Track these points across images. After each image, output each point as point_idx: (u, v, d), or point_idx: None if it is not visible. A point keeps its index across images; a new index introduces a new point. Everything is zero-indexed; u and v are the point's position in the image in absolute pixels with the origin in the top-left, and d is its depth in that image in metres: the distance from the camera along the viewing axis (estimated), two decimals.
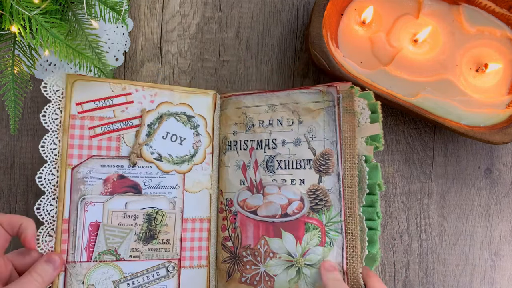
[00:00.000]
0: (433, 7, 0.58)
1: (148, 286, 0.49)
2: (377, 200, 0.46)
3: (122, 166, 0.49)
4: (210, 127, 0.53)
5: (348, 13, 0.57)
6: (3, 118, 0.57)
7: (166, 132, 0.51)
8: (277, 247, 0.48)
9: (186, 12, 0.60)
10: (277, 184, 0.49)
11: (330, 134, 0.47)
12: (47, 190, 0.46)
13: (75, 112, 0.47)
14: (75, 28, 0.48)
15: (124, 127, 0.49)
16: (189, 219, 0.51)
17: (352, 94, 0.46)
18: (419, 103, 0.54)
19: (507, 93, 0.57)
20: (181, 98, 0.52)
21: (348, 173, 0.46)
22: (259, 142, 0.50)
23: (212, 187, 0.52)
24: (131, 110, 0.50)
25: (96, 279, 0.47)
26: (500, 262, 0.60)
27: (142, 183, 0.49)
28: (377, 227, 0.46)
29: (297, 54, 0.60)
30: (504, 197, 0.60)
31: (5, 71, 0.48)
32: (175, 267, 0.50)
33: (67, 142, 0.47)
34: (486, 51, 0.57)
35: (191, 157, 0.52)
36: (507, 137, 0.52)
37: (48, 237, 0.46)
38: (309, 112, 0.48)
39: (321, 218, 0.47)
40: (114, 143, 0.49)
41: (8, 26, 0.42)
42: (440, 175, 0.60)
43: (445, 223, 0.59)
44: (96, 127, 0.48)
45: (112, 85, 0.49)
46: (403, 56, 0.56)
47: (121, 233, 0.48)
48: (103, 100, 0.49)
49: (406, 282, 0.59)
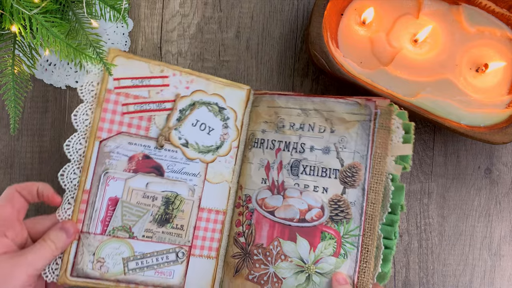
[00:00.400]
0: (433, 7, 0.58)
1: (156, 268, 0.49)
2: (397, 220, 0.46)
3: (149, 146, 0.49)
4: (239, 122, 0.53)
5: (348, 13, 0.57)
6: (3, 118, 0.58)
7: (196, 120, 0.51)
8: (290, 250, 0.48)
9: (186, 12, 0.60)
10: (299, 189, 0.49)
11: (361, 147, 0.47)
12: (73, 158, 0.47)
13: (111, 87, 0.48)
14: (75, 28, 0.48)
15: (156, 109, 0.50)
16: (205, 209, 0.51)
17: (391, 111, 0.46)
18: (419, 103, 0.54)
19: (507, 93, 0.57)
20: (215, 88, 0.52)
21: (373, 189, 0.46)
22: (287, 144, 0.50)
23: (232, 181, 0.53)
24: (165, 93, 0.50)
25: (107, 253, 0.47)
26: (500, 262, 0.60)
27: (165, 166, 0.50)
28: (392, 246, 0.46)
29: (297, 54, 0.60)
30: (504, 197, 0.60)
31: (5, 71, 0.48)
32: (185, 253, 0.50)
33: (99, 115, 0.47)
34: (486, 51, 0.57)
35: (217, 148, 0.52)
36: (507, 137, 0.52)
37: (67, 204, 0.46)
38: (343, 122, 0.48)
39: (339, 229, 0.46)
40: (145, 123, 0.49)
41: (8, 25, 0.42)
42: (440, 175, 0.60)
43: (445, 223, 0.60)
44: (129, 105, 0.49)
45: (151, 66, 0.49)
46: (403, 56, 0.56)
47: (138, 212, 0.48)
48: (141, 79, 0.49)
49: (406, 282, 0.59)
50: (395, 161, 0.46)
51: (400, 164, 0.46)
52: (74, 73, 0.59)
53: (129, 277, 0.48)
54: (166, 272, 0.49)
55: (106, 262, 0.47)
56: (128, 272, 0.48)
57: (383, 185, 0.46)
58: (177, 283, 0.50)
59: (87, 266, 0.47)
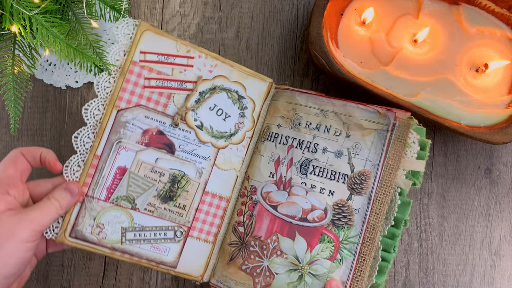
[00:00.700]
0: (433, 7, 0.57)
1: (153, 242, 0.49)
2: (398, 234, 0.46)
3: (164, 123, 0.50)
4: (256, 113, 0.53)
5: (348, 13, 0.57)
6: (3, 118, 0.58)
7: (214, 105, 0.51)
8: (287, 247, 0.48)
9: (186, 12, 0.60)
10: (305, 188, 0.49)
11: (374, 156, 0.46)
12: (89, 123, 0.48)
13: (137, 59, 0.48)
14: (75, 28, 0.48)
15: (177, 87, 0.50)
16: (210, 193, 0.51)
17: (410, 125, 0.45)
18: (419, 103, 0.54)
19: (507, 93, 0.56)
20: (238, 77, 0.52)
21: (379, 200, 0.45)
22: (300, 142, 0.50)
23: (241, 170, 0.53)
24: (188, 73, 0.50)
25: (108, 220, 0.48)
26: (500, 262, 0.60)
27: (177, 145, 0.50)
28: (389, 260, 0.46)
29: (297, 54, 0.60)
30: (504, 197, 0.60)
31: (5, 71, 0.48)
32: (183, 233, 0.50)
33: (121, 84, 0.48)
34: (486, 51, 0.57)
35: (230, 136, 0.52)
36: (507, 137, 0.52)
37: (77, 167, 0.47)
38: (360, 128, 0.48)
39: (339, 234, 0.46)
40: (164, 99, 0.49)
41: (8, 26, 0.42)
42: (440, 175, 0.60)
43: (445, 223, 0.60)
44: (152, 79, 0.49)
45: (179, 44, 0.50)
46: (403, 56, 0.56)
47: (144, 185, 0.49)
48: (166, 56, 0.49)
49: (406, 282, 0.59)
50: (406, 175, 0.46)
51: (410, 180, 0.46)
52: (74, 73, 0.59)
53: (125, 247, 0.48)
54: (161, 248, 0.50)
55: (105, 228, 0.48)
56: (125, 242, 0.48)
57: (390, 197, 0.45)
58: (170, 260, 0.50)
59: (86, 230, 0.47)
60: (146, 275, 0.59)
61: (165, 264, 0.50)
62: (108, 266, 0.58)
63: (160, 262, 0.50)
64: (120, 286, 0.58)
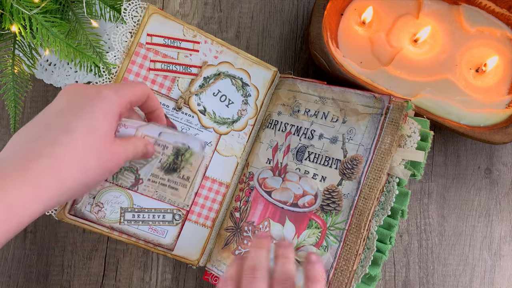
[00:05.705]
0: (433, 7, 0.57)
1: (151, 224, 0.50)
2: (395, 225, 0.44)
3: (167, 106, 0.51)
4: (260, 101, 0.53)
5: (348, 13, 0.56)
6: (3, 118, 0.58)
7: (218, 90, 0.52)
8: (277, 232, 0.47)
9: (186, 12, 0.60)
10: (299, 174, 0.48)
11: (367, 140, 0.45)
12: None
13: (143, 41, 0.50)
14: (75, 28, 0.48)
15: (182, 71, 0.51)
16: (210, 178, 0.51)
17: (403, 107, 0.43)
18: (419, 103, 0.53)
19: (507, 93, 0.55)
20: (243, 64, 0.52)
21: (369, 185, 0.43)
22: (298, 128, 0.49)
23: (241, 157, 0.53)
24: (194, 58, 0.51)
25: (107, 199, 0.49)
26: (500, 262, 0.59)
27: (179, 128, 0.51)
28: (385, 251, 0.44)
29: (297, 54, 0.60)
30: (504, 197, 0.59)
31: (5, 71, 0.48)
32: (182, 217, 0.51)
33: (127, 65, 0.49)
34: (486, 51, 0.56)
35: (232, 122, 0.52)
36: (507, 137, 0.51)
37: None
38: (355, 114, 0.47)
39: (326, 219, 0.45)
40: (168, 82, 0.51)
41: (8, 25, 0.42)
42: (440, 175, 0.59)
43: (445, 223, 0.59)
44: (157, 62, 0.50)
45: (186, 29, 0.51)
46: (403, 56, 0.55)
47: None
48: (172, 40, 0.51)
49: (406, 282, 0.58)
50: (405, 165, 0.44)
51: (409, 170, 0.43)
52: (74, 73, 0.58)
53: (123, 227, 0.49)
54: (159, 230, 0.50)
55: (104, 207, 0.49)
56: (123, 222, 0.49)
57: (382, 183, 0.43)
58: (168, 243, 0.50)
59: (86, 208, 0.48)
60: (146, 275, 0.58)
61: (162, 246, 0.50)
62: (108, 266, 0.58)
63: (157, 244, 0.50)
64: (120, 286, 0.58)
